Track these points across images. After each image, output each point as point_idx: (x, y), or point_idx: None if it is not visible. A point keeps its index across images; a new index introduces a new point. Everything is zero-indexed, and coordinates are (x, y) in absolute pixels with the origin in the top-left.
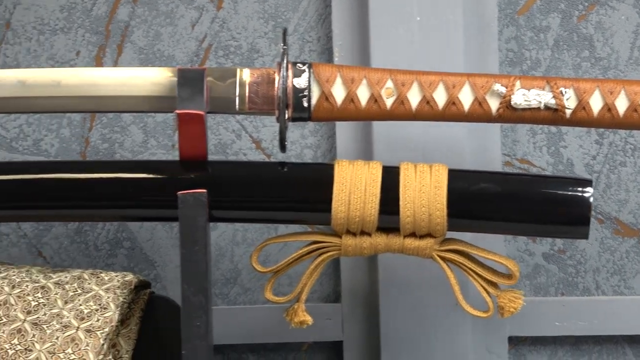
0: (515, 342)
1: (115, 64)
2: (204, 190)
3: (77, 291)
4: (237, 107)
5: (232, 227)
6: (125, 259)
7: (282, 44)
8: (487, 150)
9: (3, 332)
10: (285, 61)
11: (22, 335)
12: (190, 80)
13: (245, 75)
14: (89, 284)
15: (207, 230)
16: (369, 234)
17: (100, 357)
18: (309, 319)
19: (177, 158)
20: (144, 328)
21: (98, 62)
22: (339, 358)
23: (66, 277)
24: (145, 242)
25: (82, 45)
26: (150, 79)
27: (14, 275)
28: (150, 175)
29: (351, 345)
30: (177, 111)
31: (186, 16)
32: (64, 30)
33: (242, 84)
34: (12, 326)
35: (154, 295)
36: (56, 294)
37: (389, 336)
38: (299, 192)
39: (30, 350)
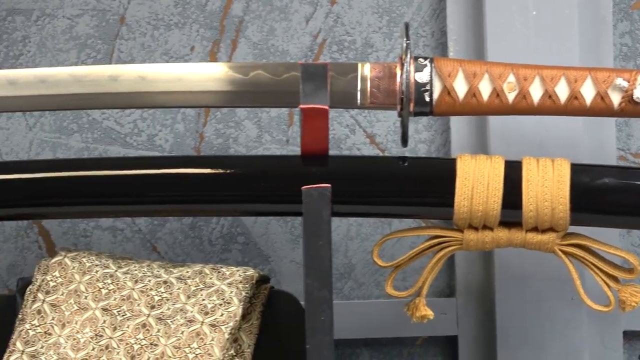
0: (630, 336)
1: (230, 59)
2: (329, 185)
3: (199, 286)
4: (358, 101)
5: (346, 222)
6: (240, 254)
7: (405, 39)
8: (602, 144)
9: (128, 327)
10: (408, 56)
11: (147, 330)
12: (313, 75)
13: (367, 70)
14: (210, 278)
15: (330, 225)
16: (491, 229)
17: (225, 351)
18: (430, 313)
19: (291, 153)
20: (264, 323)
21: (212, 57)
22: (453, 353)
23: (187, 272)
24: (260, 237)
25: (197, 41)
26: (273, 74)
27: (136, 270)
28: (273, 170)
29: (466, 340)
30: (302, 106)
31: (300, 11)
32: (179, 26)
33: (363, 79)
34: (137, 321)
35: (273, 290)
36: (179, 288)
37: (505, 330)
38: (420, 187)
39: (156, 345)
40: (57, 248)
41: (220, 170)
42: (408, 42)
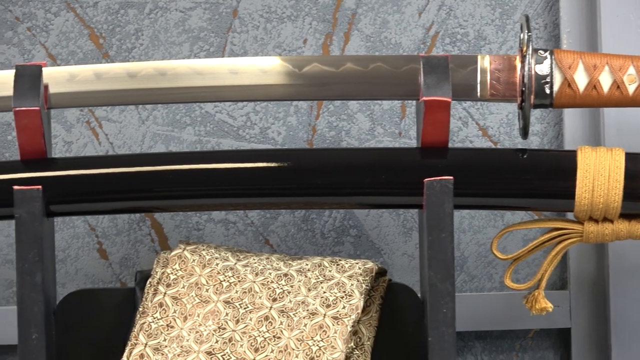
0: None
1: (342, 52)
2: (451, 177)
3: (319, 278)
4: (478, 93)
5: (459, 215)
6: (352, 246)
7: (526, 31)
8: None
9: (250, 320)
10: (530, 48)
11: (270, 322)
12: (435, 67)
13: (486, 62)
14: (330, 271)
15: (452, 217)
16: (611, 221)
17: (347, 344)
18: (549, 305)
19: (403, 145)
20: (383, 315)
21: (325, 50)
22: (566, 345)
23: (307, 264)
24: (372, 229)
25: (309, 34)
26: (392, 66)
27: (255, 262)
28: (392, 163)
29: (579, 333)
30: (424, 98)
31: (413, 4)
32: (291, 19)
33: (483, 71)
34: (259, 314)
35: (391, 283)
36: (299, 281)
37: (619, 323)
38: (540, 179)
39: (279, 338)
40: (177, 241)
41: (337, 163)
42: (529, 34)
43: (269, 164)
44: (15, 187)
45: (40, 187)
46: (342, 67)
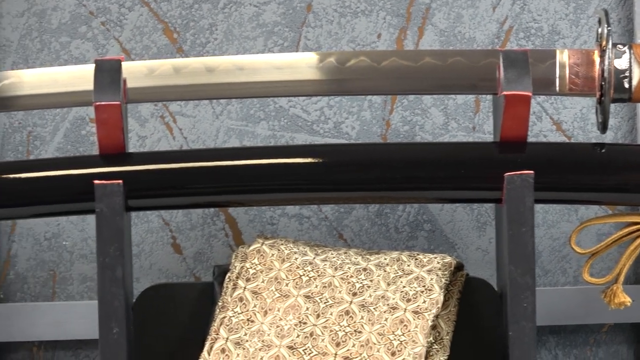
0: None
1: (417, 46)
2: (531, 172)
3: (397, 273)
4: (557, 88)
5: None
6: (426, 241)
7: (605, 26)
8: None
9: (331, 314)
10: (610, 42)
11: (351, 317)
12: (514, 62)
13: (565, 56)
14: (408, 265)
15: (533, 211)
16: None
17: (427, 338)
18: (628, 299)
19: (477, 140)
20: (461, 310)
21: (399, 44)
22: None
23: (385, 259)
24: (446, 224)
25: (383, 28)
26: (471, 60)
27: (334, 257)
28: (470, 157)
29: None
30: (505, 92)
31: None
32: (365, 13)
33: (562, 65)
34: (340, 308)
35: (469, 277)
36: (378, 275)
37: None
38: (617, 174)
39: (360, 332)
40: (255, 235)
41: (413, 157)
42: (609, 29)
43: (343, 159)
44: (96, 181)
45: (121, 181)
46: (420, 62)
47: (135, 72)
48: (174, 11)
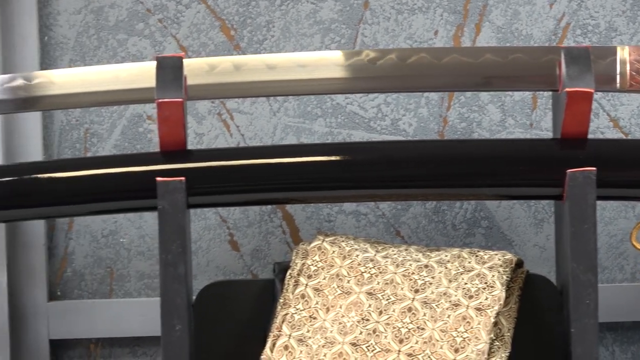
0: None
1: (474, 43)
2: (594, 169)
3: (458, 270)
4: (617, 85)
5: None
6: (483, 238)
7: None
8: None
9: (394, 311)
10: None
11: (413, 313)
12: (576, 58)
13: (626, 53)
14: (469, 262)
15: (595, 208)
16: None
17: (490, 335)
18: None
19: (534, 137)
20: (521, 306)
21: (456, 41)
22: None
23: (446, 255)
24: (503, 221)
25: (440, 25)
26: (532, 57)
27: (394, 253)
28: (532, 154)
29: None
30: (567, 89)
31: None
32: (422, 10)
33: (622, 62)
34: (402, 305)
35: (529, 274)
36: (440, 272)
37: None
38: None
39: (423, 329)
40: (315, 232)
41: (473, 154)
42: None
43: (401, 156)
44: (159, 178)
45: (183, 178)
46: (481, 59)
47: (196, 69)
48: (231, 8)
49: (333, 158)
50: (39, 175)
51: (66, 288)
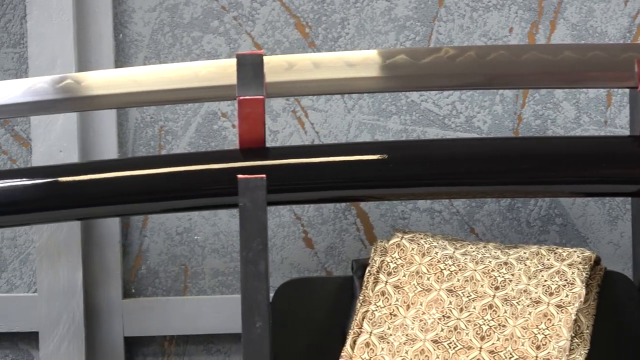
0: None
1: (548, 40)
2: None
3: (538, 267)
4: None
5: None
6: (557, 235)
7: None
8: None
9: (474, 308)
10: None
11: (494, 311)
12: None
13: None
14: (548, 259)
15: None
16: None
17: (570, 332)
18: None
19: (609, 134)
20: (600, 303)
21: (531, 38)
22: None
23: (524, 253)
24: (577, 218)
25: (515, 22)
26: (609, 54)
27: (473, 251)
28: (610, 151)
29: None
30: None
31: None
32: (497, 7)
33: None
34: (483, 302)
35: (607, 271)
36: (519, 269)
37: None
38: None
39: (504, 326)
40: (393, 229)
41: (551, 151)
42: None
43: (476, 153)
44: (240, 176)
45: (264, 176)
46: (559, 56)
47: (275, 66)
48: (306, 5)
49: (406, 155)
50: (118, 174)
51: (140, 285)
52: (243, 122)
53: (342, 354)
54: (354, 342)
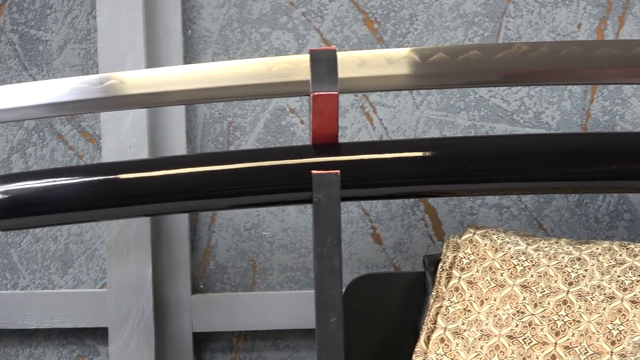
0: None
1: (617, 36)
2: None
3: (610, 262)
4: None
5: None
6: (626, 231)
7: None
8: None
9: (548, 304)
10: None
11: (568, 306)
12: None
13: None
14: (621, 255)
15: None
16: None
17: None
18: None
19: None
20: None
21: (599, 34)
22: None
23: (597, 248)
24: None
25: (584, 18)
26: None
27: (545, 246)
28: None
29: None
30: None
31: None
32: (566, 3)
33: None
34: (557, 297)
35: None
36: (592, 265)
37: None
38: None
39: (579, 322)
40: (465, 225)
41: (618, 147)
42: None
43: (545, 149)
44: (314, 171)
45: (338, 171)
46: (632, 51)
47: (348, 62)
48: (375, 1)
49: (476, 151)
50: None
51: (209, 281)
52: (316, 117)
53: (415, 349)
54: (428, 337)
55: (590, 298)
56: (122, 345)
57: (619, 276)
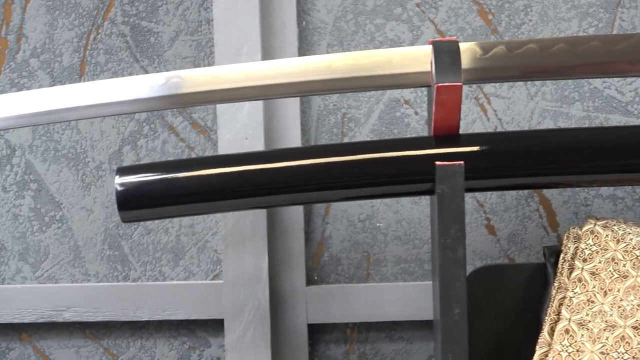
0: None
1: None
2: None
3: None
4: None
5: None
6: None
7: None
8: None
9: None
10: None
11: None
12: None
13: None
14: None
15: None
16: None
17: None
18: None
19: None
20: None
21: None
22: None
23: None
24: None
25: None
26: None
27: None
28: None
29: None
30: None
31: None
32: None
33: None
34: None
35: None
36: None
37: None
38: None
39: None
40: (586, 216)
41: None
42: None
43: None
44: (438, 162)
45: (462, 162)
46: None
47: (470, 53)
48: None
49: (593, 142)
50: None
51: (323, 273)
52: (439, 109)
53: (539, 340)
54: (552, 329)
55: None
56: (238, 336)
57: None
